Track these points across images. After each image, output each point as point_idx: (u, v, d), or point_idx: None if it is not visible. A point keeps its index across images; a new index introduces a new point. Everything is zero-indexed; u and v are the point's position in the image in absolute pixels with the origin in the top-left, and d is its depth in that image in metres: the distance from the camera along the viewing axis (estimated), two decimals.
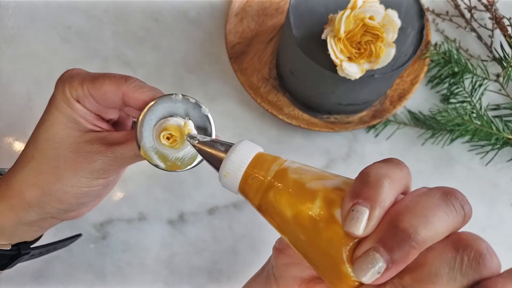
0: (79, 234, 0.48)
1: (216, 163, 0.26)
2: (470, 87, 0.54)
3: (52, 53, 0.54)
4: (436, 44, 0.55)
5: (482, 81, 0.54)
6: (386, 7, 0.43)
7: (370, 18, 0.42)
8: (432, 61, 0.55)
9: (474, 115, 0.53)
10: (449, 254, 0.19)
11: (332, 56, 0.43)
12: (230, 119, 0.53)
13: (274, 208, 0.24)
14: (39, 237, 0.39)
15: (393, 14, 0.43)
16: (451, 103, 0.54)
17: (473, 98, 0.53)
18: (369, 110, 0.53)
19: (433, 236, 0.20)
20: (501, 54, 0.54)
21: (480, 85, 0.54)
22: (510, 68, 0.53)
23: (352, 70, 0.43)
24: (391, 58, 0.44)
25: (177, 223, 0.50)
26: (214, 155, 0.26)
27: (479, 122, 0.52)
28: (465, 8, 0.58)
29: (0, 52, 0.53)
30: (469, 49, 0.57)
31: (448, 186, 0.21)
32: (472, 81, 0.54)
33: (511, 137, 0.52)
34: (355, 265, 0.20)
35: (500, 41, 0.55)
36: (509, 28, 0.55)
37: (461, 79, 0.54)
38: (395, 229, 0.20)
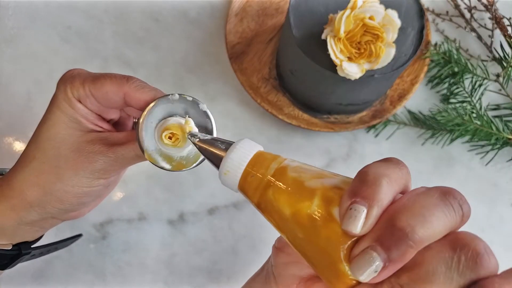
0: (80, 234, 0.48)
1: (217, 161, 0.26)
2: (470, 87, 0.54)
3: (52, 53, 0.54)
4: (436, 44, 0.55)
5: (482, 81, 0.54)
6: (386, 7, 0.43)
7: (370, 18, 0.42)
8: (432, 61, 0.55)
9: (474, 115, 0.53)
10: (447, 254, 0.19)
11: (332, 56, 0.43)
12: (230, 119, 0.53)
13: (273, 206, 0.24)
14: (40, 237, 0.39)
15: (393, 14, 0.43)
16: (451, 103, 0.54)
17: (473, 98, 0.53)
18: (369, 110, 0.53)
19: (431, 236, 0.20)
20: (501, 54, 0.54)
21: (480, 85, 0.54)
22: (510, 68, 0.53)
23: (352, 70, 0.43)
24: (391, 58, 0.44)
25: (177, 223, 0.50)
26: (215, 153, 0.26)
27: (479, 122, 0.52)
28: (465, 8, 0.58)
29: (0, 52, 0.54)
30: (469, 49, 0.57)
31: (447, 186, 0.21)
32: (472, 81, 0.54)
33: (511, 137, 0.52)
34: (353, 264, 0.20)
35: (500, 41, 0.55)
36: (509, 28, 0.55)
37: (461, 79, 0.54)
38: (393, 228, 0.20)
